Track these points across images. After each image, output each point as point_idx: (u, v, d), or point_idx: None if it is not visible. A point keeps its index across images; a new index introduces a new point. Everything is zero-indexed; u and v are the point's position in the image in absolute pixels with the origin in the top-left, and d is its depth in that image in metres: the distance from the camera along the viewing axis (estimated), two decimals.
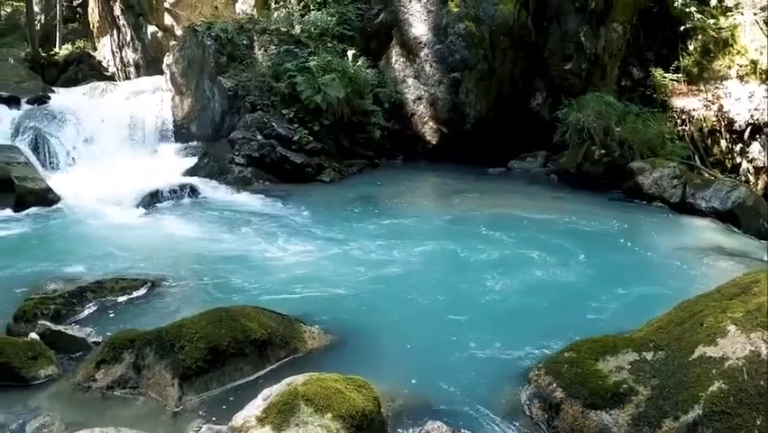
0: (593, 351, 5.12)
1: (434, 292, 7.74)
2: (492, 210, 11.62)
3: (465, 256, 9.06)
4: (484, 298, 7.54)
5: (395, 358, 6.10)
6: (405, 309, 7.19)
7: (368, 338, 6.36)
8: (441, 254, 9.17)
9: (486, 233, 10.16)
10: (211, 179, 13.82)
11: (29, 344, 5.82)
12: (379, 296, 7.52)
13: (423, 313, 7.15)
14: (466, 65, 15.66)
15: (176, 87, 17.09)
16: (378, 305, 7.22)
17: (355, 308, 7.13)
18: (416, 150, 16.47)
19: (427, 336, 6.54)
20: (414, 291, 7.72)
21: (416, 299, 7.49)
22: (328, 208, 11.76)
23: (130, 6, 25.26)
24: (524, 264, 8.68)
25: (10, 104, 16.73)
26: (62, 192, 12.78)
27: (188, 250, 9.53)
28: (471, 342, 6.31)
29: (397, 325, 6.78)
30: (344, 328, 6.52)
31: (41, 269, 8.70)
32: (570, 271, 8.51)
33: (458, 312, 7.08)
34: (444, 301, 7.48)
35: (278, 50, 16.12)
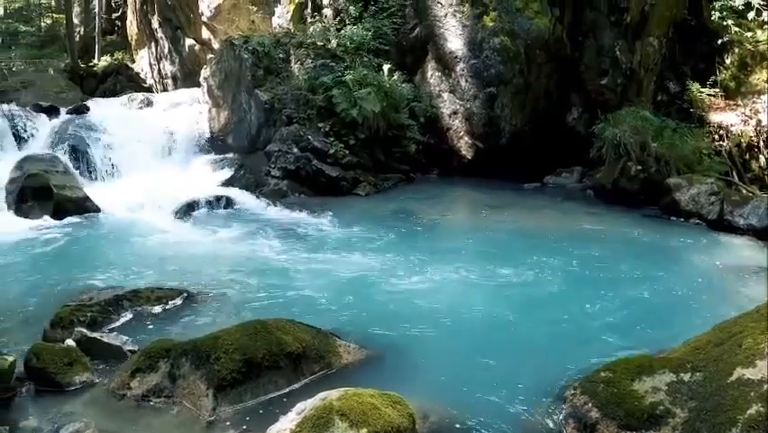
0: (629, 371, 5.07)
1: (468, 308, 7.70)
2: (527, 226, 11.57)
3: (500, 272, 9.01)
4: (519, 314, 7.51)
5: (430, 374, 6.06)
6: (439, 325, 7.14)
7: (403, 354, 6.34)
8: (475, 270, 9.10)
9: (521, 249, 10.11)
10: (247, 191, 13.91)
11: (65, 350, 5.88)
12: (413, 311, 7.49)
13: (458, 329, 7.12)
14: (501, 79, 15.60)
15: (213, 100, 17.23)
16: (412, 320, 7.18)
17: (390, 323, 7.10)
18: (451, 164, 16.40)
19: (462, 352, 6.52)
20: (449, 307, 7.69)
21: (450, 315, 7.44)
22: (363, 222, 11.74)
23: (168, 20, 25.51)
24: (558, 281, 8.63)
25: (50, 113, 17.08)
26: (100, 201, 12.98)
27: (224, 261, 9.60)
28: (507, 358, 6.29)
29: (432, 340, 6.75)
30: (379, 343, 6.51)
31: (78, 276, 8.87)
32: (605, 288, 8.43)
33: (493, 328, 7.07)
34: (479, 317, 7.45)
35: (315, 64, 16.19)
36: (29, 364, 5.70)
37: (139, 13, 27.44)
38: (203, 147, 16.80)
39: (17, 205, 12.58)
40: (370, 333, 6.78)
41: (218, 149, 16.59)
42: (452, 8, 16.09)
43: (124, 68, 27.53)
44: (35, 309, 7.68)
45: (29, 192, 12.64)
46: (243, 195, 13.65)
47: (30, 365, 5.69)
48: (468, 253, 9.98)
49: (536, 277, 8.79)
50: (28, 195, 12.62)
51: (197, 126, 17.12)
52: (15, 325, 7.25)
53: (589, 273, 8.93)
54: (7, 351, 5.80)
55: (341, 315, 7.34)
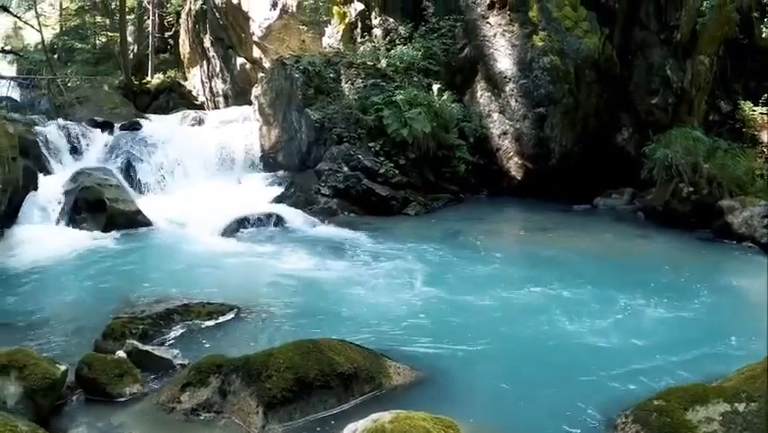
0: (683, 400, 4.98)
1: (519, 331, 7.61)
2: (578, 249, 11.39)
3: (550, 295, 8.90)
4: (570, 338, 7.40)
5: (482, 398, 6.01)
6: (490, 347, 7.06)
7: (454, 376, 6.27)
8: (525, 292, 9.02)
9: (571, 271, 9.96)
10: (297, 209, 13.91)
11: (116, 361, 5.93)
12: (464, 333, 7.41)
13: (509, 352, 7.04)
14: (551, 99, 15.53)
15: (263, 118, 17.37)
16: (463, 342, 7.10)
17: (440, 344, 7.03)
18: (500, 185, 16.34)
19: (513, 375, 6.44)
20: (499, 329, 7.62)
21: (501, 337, 7.37)
22: (414, 243, 11.64)
23: (220, 39, 25.85)
24: (608, 305, 8.49)
25: (104, 128, 17.39)
26: (151, 215, 13.16)
27: (274, 278, 9.60)
28: (558, 383, 6.20)
29: (483, 363, 6.68)
30: (429, 365, 6.44)
31: (129, 288, 8.97)
32: (656, 314, 8.29)
33: (544, 351, 6.98)
34: (530, 340, 7.35)
35: (365, 84, 16.27)
36: (80, 374, 5.76)
37: (191, 33, 27.89)
38: (253, 164, 17.01)
39: (71, 216, 12.82)
40: (421, 354, 6.73)
41: (268, 166, 16.76)
42: (502, 28, 16.08)
43: (177, 85, 28.01)
44: (87, 320, 7.77)
45: (83, 204, 12.89)
46: (293, 213, 13.65)
47: (81, 375, 5.75)
48: (517, 276, 9.87)
49: (586, 300, 8.65)
50: (82, 207, 12.87)
51: (248, 144, 17.29)
52: (68, 334, 7.36)
53: (641, 298, 8.76)
54: (60, 360, 5.85)
55: (391, 335, 7.29)
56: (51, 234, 12.14)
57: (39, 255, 10.71)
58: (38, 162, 14.49)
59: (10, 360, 5.45)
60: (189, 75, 28.92)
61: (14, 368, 5.38)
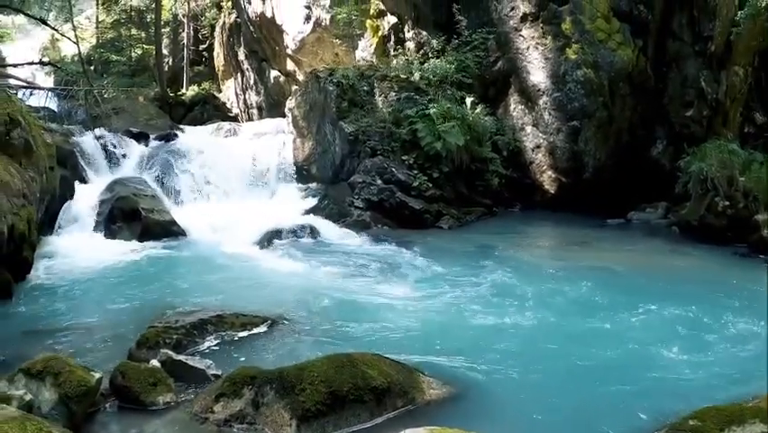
0: (719, 420, 4.87)
1: (554, 347, 7.51)
2: (612, 264, 11.24)
3: (584, 311, 8.79)
4: (605, 354, 7.30)
5: (515, 415, 5.90)
6: (524, 363, 6.96)
7: (487, 391, 6.20)
8: (559, 308, 8.91)
9: (605, 287, 9.82)
10: (330, 221, 13.98)
11: (150, 370, 5.95)
12: (497, 347, 7.35)
13: (541, 367, 6.93)
14: (585, 113, 15.47)
15: (297, 130, 17.45)
16: (496, 357, 7.04)
17: (473, 359, 6.94)
18: (533, 198, 16.30)
19: (548, 392, 6.35)
20: (532, 345, 7.54)
21: (535, 354, 7.27)
22: (447, 256, 11.59)
23: (254, 52, 26.04)
24: (645, 322, 8.35)
25: (139, 139, 17.60)
26: (186, 225, 13.27)
27: (307, 290, 9.58)
28: (593, 401, 6.10)
29: (516, 379, 6.59)
30: (462, 380, 6.37)
31: (163, 298, 9.01)
32: (692, 331, 8.13)
33: (579, 369, 6.89)
34: (565, 357, 7.24)
35: (399, 97, 16.30)
36: (114, 382, 5.78)
37: (226, 46, 28.16)
38: (287, 176, 17.02)
39: (106, 225, 12.96)
40: (454, 369, 6.65)
41: (302, 178, 16.80)
42: (535, 41, 16.06)
43: (211, 97, 28.29)
44: (121, 328, 7.78)
45: (118, 214, 13.03)
46: (327, 225, 13.72)
47: (115, 383, 5.77)
48: (552, 291, 9.74)
49: (622, 317, 8.51)
50: (117, 216, 13.00)
51: (282, 156, 17.34)
52: (102, 342, 7.36)
53: (676, 315, 8.62)
54: (94, 367, 5.88)
55: (424, 349, 7.20)
56: (87, 242, 12.29)
57: (74, 263, 10.82)
58: (75, 172, 14.66)
59: (46, 366, 5.49)
60: (224, 87, 29.17)
61: (50, 374, 5.42)
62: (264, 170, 17.00)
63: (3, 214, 8.42)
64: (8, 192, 8.88)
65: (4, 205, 8.61)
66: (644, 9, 15.65)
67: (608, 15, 15.62)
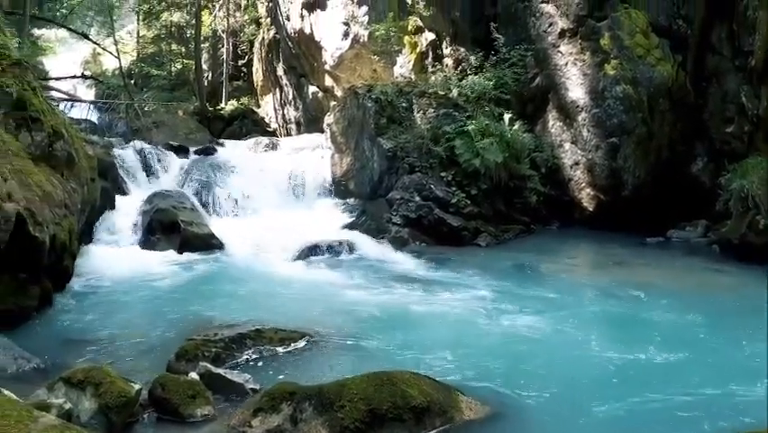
0: None
1: (590, 367, 7.39)
2: (652, 284, 10.97)
3: (623, 331, 8.74)
4: (644, 376, 7.16)
5: None
6: (564, 386, 6.86)
7: (525, 413, 6.10)
8: (597, 328, 8.84)
9: (647, 308, 9.65)
10: (368, 237, 13.94)
11: (189, 383, 5.96)
12: (535, 366, 7.27)
13: (580, 388, 6.82)
14: (624, 129, 15.31)
15: (335, 146, 17.52)
16: (534, 376, 6.96)
17: (512, 377, 6.88)
18: (571, 216, 16.19)
19: (588, 415, 6.26)
20: (570, 365, 7.44)
21: (572, 373, 7.18)
22: (485, 274, 11.49)
23: (292, 67, 26.19)
24: (686, 345, 8.15)
25: (179, 152, 17.82)
26: (224, 238, 13.33)
27: (345, 306, 9.55)
28: (634, 425, 6.05)
29: (557, 402, 6.46)
30: (501, 399, 6.30)
31: (201, 310, 9.06)
32: (733, 355, 7.98)
33: (617, 389, 6.77)
34: (601, 377, 7.11)
35: (437, 114, 16.27)
36: (153, 393, 5.80)
37: (265, 61, 28.35)
38: (325, 191, 17.12)
39: (146, 237, 13.11)
40: (492, 388, 6.57)
41: (340, 194, 16.86)
42: (573, 57, 15.99)
43: (250, 112, 28.50)
44: (159, 339, 7.86)
45: (157, 226, 13.17)
46: (365, 240, 13.69)
47: (154, 394, 5.79)
48: (591, 311, 9.66)
49: (663, 340, 8.29)
50: (156, 228, 13.15)
51: (320, 171, 17.43)
52: (140, 353, 7.43)
53: (717, 338, 8.47)
54: (133, 378, 5.91)
55: (462, 368, 7.13)
56: (126, 253, 12.40)
57: (114, 274, 10.91)
58: (115, 184, 14.86)
59: (87, 376, 5.52)
60: (262, 102, 29.34)
61: (91, 384, 5.46)
62: (302, 184, 17.10)
63: (45, 224, 8.50)
64: (50, 203, 8.98)
65: (47, 215, 8.70)
66: (683, 24, 15.51)
67: (647, 30, 15.50)
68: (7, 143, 8.71)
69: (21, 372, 6.65)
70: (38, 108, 9.69)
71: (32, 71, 10.33)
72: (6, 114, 9.17)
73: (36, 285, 8.48)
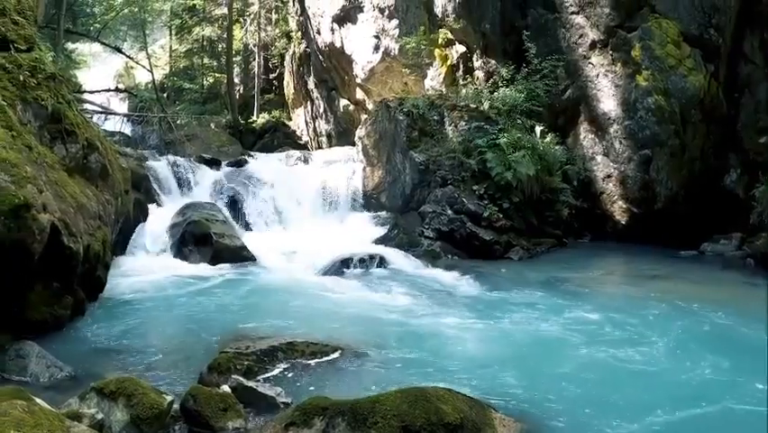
0: None
1: (626, 386, 7.25)
2: (686, 300, 10.71)
3: (659, 349, 8.47)
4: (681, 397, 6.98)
5: None
6: (596, 398, 6.78)
7: (559, 429, 6.08)
8: (633, 344, 8.60)
9: (682, 327, 9.37)
10: (400, 250, 13.89)
11: (221, 395, 5.96)
12: (569, 382, 7.15)
13: (615, 408, 6.65)
14: (657, 141, 15.18)
15: (367, 159, 17.55)
16: (569, 392, 6.88)
17: (545, 393, 6.81)
18: (604, 229, 16.07)
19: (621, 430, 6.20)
20: (605, 380, 7.33)
21: (607, 392, 7.04)
22: (517, 288, 11.43)
23: (323, 81, 26.29)
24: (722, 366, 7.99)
25: (211, 165, 18.00)
26: (256, 251, 13.39)
27: (377, 319, 9.51)
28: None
29: (592, 420, 6.37)
30: (534, 416, 6.24)
31: (232, 322, 9.07)
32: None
33: (654, 408, 6.66)
34: (638, 397, 6.97)
35: (469, 126, 16.24)
36: (185, 405, 5.80)
37: (296, 75, 28.49)
38: (356, 204, 17.15)
39: (178, 248, 13.23)
40: (525, 404, 6.51)
41: (371, 207, 16.88)
42: (604, 68, 15.92)
43: (281, 125, 28.70)
44: (191, 351, 7.87)
45: (190, 238, 13.28)
46: (396, 254, 13.64)
47: (186, 406, 5.80)
48: (625, 327, 9.38)
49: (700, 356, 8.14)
50: (189, 240, 13.25)
51: (351, 184, 17.47)
52: (172, 364, 7.43)
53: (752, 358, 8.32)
54: (164, 389, 5.93)
55: (495, 384, 7.07)
56: (159, 264, 12.52)
57: (146, 284, 11.00)
58: (148, 195, 15.02)
59: (119, 387, 5.55)
60: (294, 115, 29.48)
61: (123, 396, 5.48)
62: (333, 197, 17.17)
63: (79, 235, 8.56)
64: (85, 214, 9.05)
65: (81, 226, 8.77)
66: (714, 33, 15.32)
67: (679, 40, 15.33)
68: (42, 155, 8.79)
69: (53, 380, 6.74)
70: (73, 121, 9.78)
71: (66, 85, 10.43)
72: (42, 126, 9.26)
73: (69, 295, 8.55)
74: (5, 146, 7.89)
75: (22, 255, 7.47)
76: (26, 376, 6.69)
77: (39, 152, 8.73)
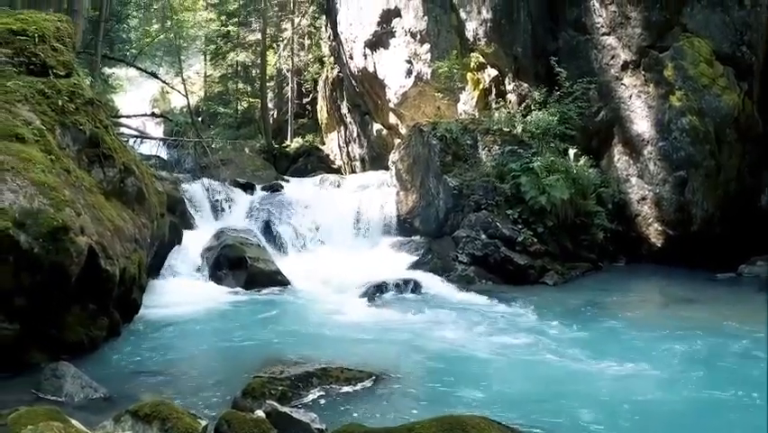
0: None
1: (667, 414, 7.13)
2: (724, 325, 10.54)
3: (700, 374, 8.35)
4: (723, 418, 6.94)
5: None
6: (639, 429, 6.73)
7: None
8: (673, 371, 8.44)
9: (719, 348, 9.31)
10: (434, 275, 13.84)
11: (255, 421, 5.92)
12: (608, 411, 7.02)
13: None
14: (692, 162, 15.03)
15: (401, 183, 17.55)
16: (608, 421, 6.75)
17: (583, 422, 6.70)
18: (639, 252, 15.91)
19: None
20: (649, 410, 7.18)
21: (650, 419, 6.94)
22: (554, 315, 11.22)
23: (356, 105, 26.36)
24: None
25: (246, 189, 18.18)
26: (290, 275, 13.43)
27: (411, 345, 9.43)
28: None
29: None
30: None
31: (267, 346, 9.10)
32: None
33: None
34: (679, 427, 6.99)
35: (502, 150, 16.25)
36: (219, 430, 5.76)
37: (329, 100, 28.62)
38: (390, 229, 17.08)
39: (212, 272, 13.33)
40: None
41: (405, 231, 16.81)
42: (637, 89, 15.84)
43: (315, 149, 28.84)
44: (225, 375, 7.92)
45: (224, 261, 13.38)
46: (431, 279, 13.60)
47: (220, 431, 5.78)
48: (665, 353, 9.19)
49: (745, 383, 7.90)
50: (223, 264, 13.36)
51: (385, 208, 17.42)
52: (206, 388, 7.43)
53: None
54: (198, 412, 5.93)
55: (532, 413, 6.91)
56: (193, 287, 12.63)
57: (181, 307, 11.10)
58: (183, 219, 15.13)
59: (154, 410, 5.55)
60: (327, 139, 29.58)
61: (158, 419, 5.48)
62: (367, 222, 17.12)
63: (116, 257, 8.66)
64: (121, 237, 9.15)
65: (117, 249, 8.87)
66: (746, 50, 15.22)
67: (711, 59, 15.22)
68: (81, 179, 8.92)
69: (88, 400, 6.78)
70: (110, 146, 9.93)
71: (104, 109, 10.59)
72: (80, 150, 9.41)
73: (105, 316, 8.65)
74: (45, 170, 8.03)
75: (60, 277, 7.58)
76: (61, 396, 6.73)
77: (77, 175, 8.86)
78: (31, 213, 7.43)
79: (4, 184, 7.43)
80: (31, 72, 9.37)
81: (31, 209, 7.46)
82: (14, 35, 9.55)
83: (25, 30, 9.64)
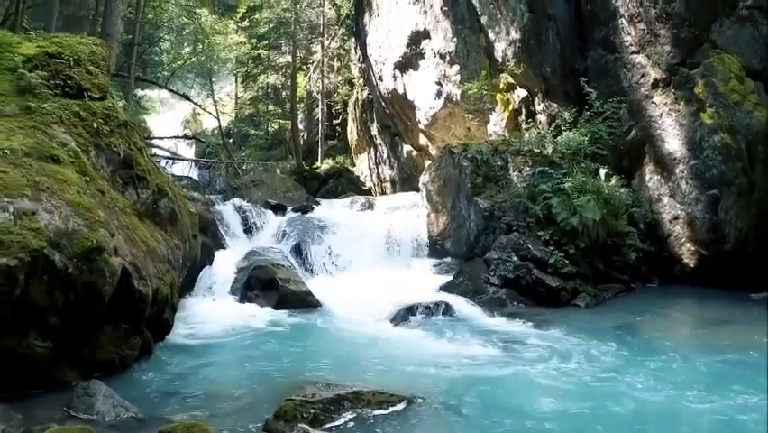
0: None
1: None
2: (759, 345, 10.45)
3: (737, 404, 8.06)
4: None
5: None
6: None
7: None
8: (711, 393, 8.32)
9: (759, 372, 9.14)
10: (465, 298, 13.76)
11: None
12: None
13: None
14: (724, 180, 14.79)
15: (431, 205, 17.55)
16: None
17: None
18: (672, 272, 15.66)
19: None
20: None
21: None
22: (587, 338, 11.04)
23: (386, 127, 26.45)
24: None
25: (277, 210, 18.34)
26: (321, 297, 13.39)
27: (443, 369, 9.35)
28: None
29: None
30: None
31: (298, 368, 9.10)
32: None
33: None
34: None
35: (533, 172, 16.19)
36: None
37: (359, 121, 28.75)
38: (421, 251, 17.04)
39: (243, 293, 13.31)
40: None
41: (436, 253, 16.77)
42: (667, 107, 15.67)
43: (345, 170, 28.92)
44: (256, 396, 7.90)
45: (255, 282, 13.39)
46: (462, 302, 13.51)
47: None
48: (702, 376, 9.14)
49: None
50: (254, 285, 13.36)
51: (416, 230, 17.39)
52: (238, 410, 7.46)
53: None
54: None
55: None
56: (224, 307, 12.65)
57: (212, 327, 11.17)
58: (214, 239, 15.28)
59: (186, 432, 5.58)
60: (357, 161, 29.69)
61: None
62: (398, 244, 17.11)
63: (148, 278, 8.74)
64: (154, 258, 9.24)
65: (150, 270, 8.95)
66: None
67: (741, 75, 15.04)
68: (114, 200, 9.02)
69: (119, 420, 6.83)
70: (144, 167, 10.05)
71: (137, 131, 10.71)
72: (114, 172, 9.53)
73: (137, 336, 8.73)
74: (79, 191, 8.14)
75: (93, 297, 7.66)
76: (93, 415, 6.80)
77: (111, 196, 8.97)
78: (65, 233, 7.53)
79: (39, 204, 7.53)
80: (66, 95, 9.50)
81: (66, 230, 7.55)
82: (50, 58, 9.68)
83: (61, 53, 9.78)
